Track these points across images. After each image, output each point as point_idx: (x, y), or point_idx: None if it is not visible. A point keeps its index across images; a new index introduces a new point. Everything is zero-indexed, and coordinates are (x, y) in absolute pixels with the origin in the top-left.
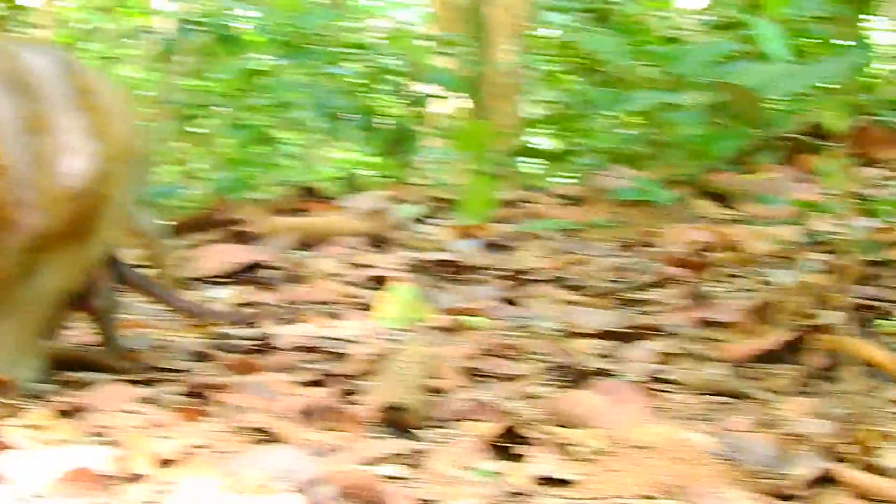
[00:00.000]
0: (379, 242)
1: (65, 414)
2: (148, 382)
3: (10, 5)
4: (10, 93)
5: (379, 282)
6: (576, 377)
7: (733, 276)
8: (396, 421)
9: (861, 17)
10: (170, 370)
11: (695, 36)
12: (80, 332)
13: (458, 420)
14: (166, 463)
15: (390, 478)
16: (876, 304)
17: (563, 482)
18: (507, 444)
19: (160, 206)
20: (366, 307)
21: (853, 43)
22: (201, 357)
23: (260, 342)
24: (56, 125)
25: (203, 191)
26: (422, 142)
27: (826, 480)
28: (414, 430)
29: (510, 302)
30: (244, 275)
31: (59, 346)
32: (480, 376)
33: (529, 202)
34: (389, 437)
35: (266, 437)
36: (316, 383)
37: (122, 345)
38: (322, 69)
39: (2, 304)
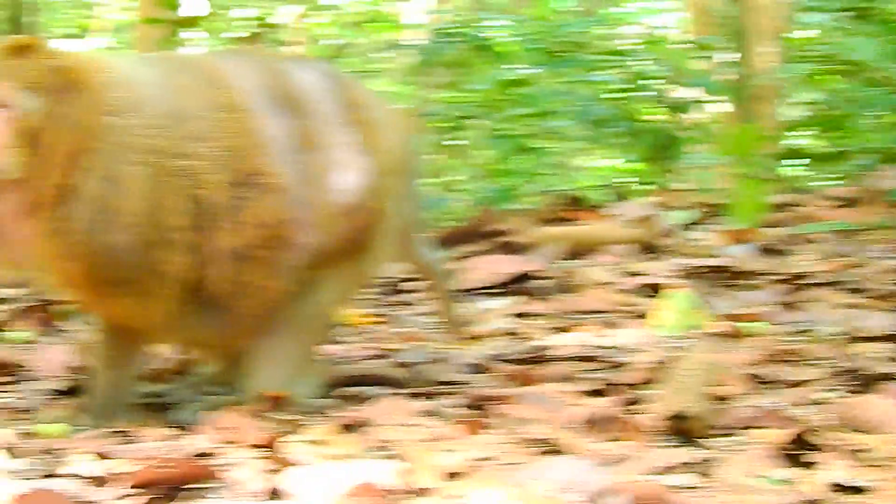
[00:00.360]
0: (649, 250)
1: (346, 428)
2: (428, 395)
3: (262, 23)
4: (281, 110)
5: (651, 289)
6: (863, 382)
7: None
8: (682, 429)
9: None
10: (449, 383)
11: None
12: (355, 347)
13: (744, 427)
14: (452, 476)
15: (679, 487)
16: None
17: (856, 489)
18: (797, 452)
19: (425, 219)
20: (640, 315)
21: None
22: (479, 369)
23: (537, 353)
24: (327, 141)
25: (465, 203)
26: (686, 147)
27: None
28: (700, 439)
29: (788, 306)
30: (514, 285)
31: (337, 360)
32: (764, 383)
33: (800, 205)
34: (676, 446)
35: (550, 448)
36: (597, 393)
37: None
38: (580, 77)
39: (280, 321)
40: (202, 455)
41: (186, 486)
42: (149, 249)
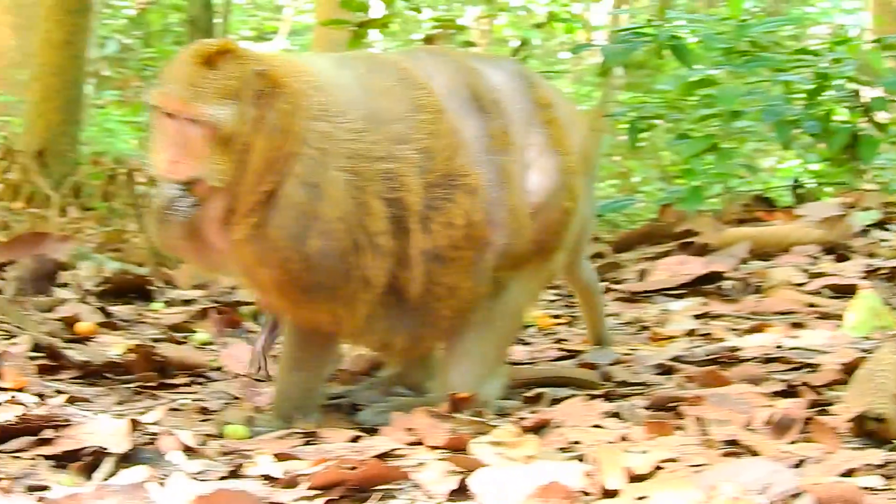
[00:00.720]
0: (836, 250)
1: (532, 430)
2: (613, 397)
3: (443, 24)
4: (475, 110)
5: (839, 290)
6: None
7: None
8: (871, 431)
9: None
10: (634, 384)
11: None
12: (541, 348)
13: None
14: (638, 478)
15: (869, 489)
16: None
17: None
18: None
19: (607, 220)
20: (827, 316)
21: None
22: (665, 370)
23: (723, 354)
24: (519, 141)
25: (649, 203)
26: (876, 147)
27: None
28: (889, 440)
29: None
30: (700, 286)
31: (523, 362)
32: None
33: None
34: (864, 448)
35: (738, 449)
36: (784, 394)
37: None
38: (769, 77)
39: (471, 322)
40: (386, 456)
41: (370, 488)
42: (348, 255)
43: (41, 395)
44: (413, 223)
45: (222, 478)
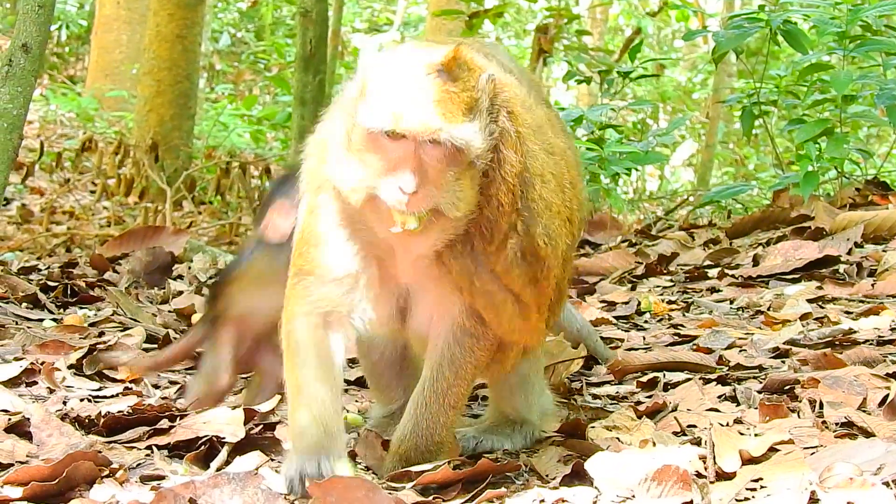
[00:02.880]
0: None
1: (646, 414)
2: (728, 380)
3: (557, 13)
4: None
5: None
6: None
7: None
8: None
9: None
10: (748, 367)
11: None
12: (655, 333)
13: None
14: (752, 460)
15: None
16: None
17: None
18: None
19: (722, 206)
20: None
21: None
22: (780, 353)
23: (838, 337)
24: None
25: (763, 189)
26: None
27: None
28: None
29: None
30: (814, 270)
31: (638, 347)
32: None
33: None
34: None
35: (852, 431)
36: None
37: None
38: (882, 61)
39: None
40: None
41: (487, 475)
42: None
43: (156, 386)
44: (565, 226)
45: None
